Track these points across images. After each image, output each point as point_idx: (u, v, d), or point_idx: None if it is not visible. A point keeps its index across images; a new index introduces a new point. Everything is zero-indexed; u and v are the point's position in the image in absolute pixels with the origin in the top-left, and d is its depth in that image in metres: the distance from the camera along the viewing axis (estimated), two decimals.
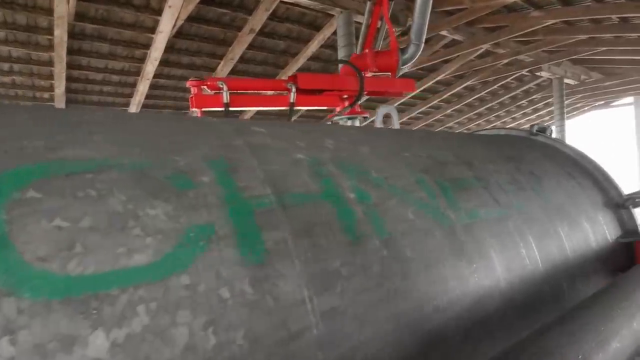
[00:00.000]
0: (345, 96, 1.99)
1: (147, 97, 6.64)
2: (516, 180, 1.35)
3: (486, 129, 1.96)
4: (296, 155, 0.91)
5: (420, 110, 10.12)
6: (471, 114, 11.62)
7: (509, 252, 1.11)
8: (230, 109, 1.70)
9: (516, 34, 6.44)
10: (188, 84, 1.75)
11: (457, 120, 11.74)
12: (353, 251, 0.80)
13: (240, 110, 7.20)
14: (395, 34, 2.12)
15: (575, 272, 1.30)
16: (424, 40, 2.16)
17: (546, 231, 1.27)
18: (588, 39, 6.96)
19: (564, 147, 1.67)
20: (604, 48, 7.29)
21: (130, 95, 6.60)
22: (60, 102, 6.16)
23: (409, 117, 10.37)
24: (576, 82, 9.94)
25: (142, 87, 6.18)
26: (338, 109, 2.07)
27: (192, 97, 1.72)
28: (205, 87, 1.68)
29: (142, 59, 5.74)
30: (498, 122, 12.83)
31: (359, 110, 2.01)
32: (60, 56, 5.11)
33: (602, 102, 13.88)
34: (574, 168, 1.59)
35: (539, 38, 6.92)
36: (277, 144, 0.92)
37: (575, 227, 1.37)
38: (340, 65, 2.25)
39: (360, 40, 2.25)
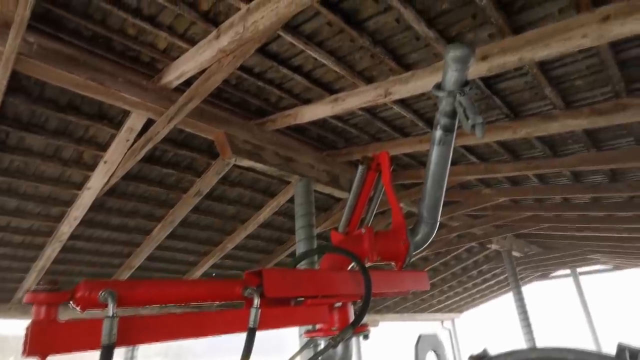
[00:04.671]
0: (338, 304, 1.20)
1: (57, 261, 5.41)
2: None
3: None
4: None
5: None
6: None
7: None
8: (119, 347, 0.71)
9: (469, 209, 6.53)
10: (27, 299, 0.68)
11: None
12: None
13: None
14: (400, 208, 1.52)
15: None
16: (439, 218, 1.59)
17: None
18: (532, 216, 7.24)
19: None
20: (546, 225, 7.59)
21: (33, 260, 5.34)
22: None
23: None
24: (521, 255, 10.19)
25: (50, 251, 5.03)
26: (320, 326, 1.23)
27: (29, 333, 0.63)
28: (70, 303, 0.69)
29: (59, 218, 4.80)
30: (451, 293, 12.50)
31: (363, 325, 1.18)
32: None
33: (541, 273, 14.39)
34: None
35: (489, 213, 7.08)
36: None
37: None
38: (316, 255, 1.41)
39: (346, 216, 1.63)
